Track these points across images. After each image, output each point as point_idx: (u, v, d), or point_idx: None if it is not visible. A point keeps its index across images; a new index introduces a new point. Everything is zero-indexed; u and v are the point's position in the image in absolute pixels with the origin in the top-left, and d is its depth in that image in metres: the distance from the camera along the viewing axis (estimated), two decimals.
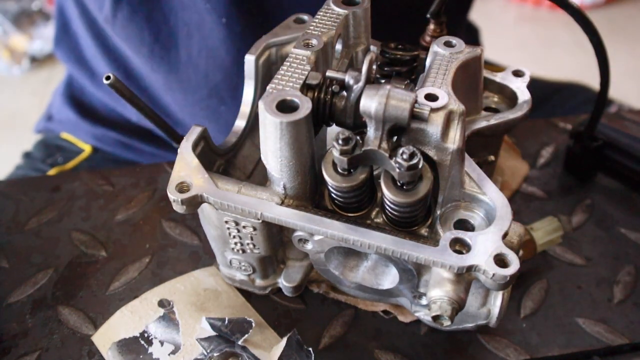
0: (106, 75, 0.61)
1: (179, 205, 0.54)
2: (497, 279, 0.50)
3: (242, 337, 0.64)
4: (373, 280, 0.63)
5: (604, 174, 0.86)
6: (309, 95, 0.53)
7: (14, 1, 3.24)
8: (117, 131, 1.14)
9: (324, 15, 0.62)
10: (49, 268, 0.75)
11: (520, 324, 0.69)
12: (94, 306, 0.71)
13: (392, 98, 0.46)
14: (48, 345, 0.67)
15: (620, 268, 0.75)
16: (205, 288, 0.71)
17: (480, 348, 0.67)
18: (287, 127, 0.47)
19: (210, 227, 0.62)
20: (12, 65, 3.17)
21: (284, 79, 0.53)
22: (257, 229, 0.58)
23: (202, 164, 0.56)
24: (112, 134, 1.14)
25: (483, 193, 0.54)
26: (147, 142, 1.14)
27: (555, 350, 0.67)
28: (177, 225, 0.80)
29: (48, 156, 1.16)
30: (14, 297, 0.72)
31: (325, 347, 0.67)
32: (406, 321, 0.69)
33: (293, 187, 0.53)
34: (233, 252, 0.64)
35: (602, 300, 0.72)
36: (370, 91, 0.46)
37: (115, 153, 1.16)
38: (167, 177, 0.56)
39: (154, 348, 0.65)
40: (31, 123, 1.27)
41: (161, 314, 0.68)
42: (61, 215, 0.82)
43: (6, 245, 0.78)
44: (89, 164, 1.14)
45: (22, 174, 1.14)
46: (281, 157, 0.50)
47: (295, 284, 0.67)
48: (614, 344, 0.67)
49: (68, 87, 1.19)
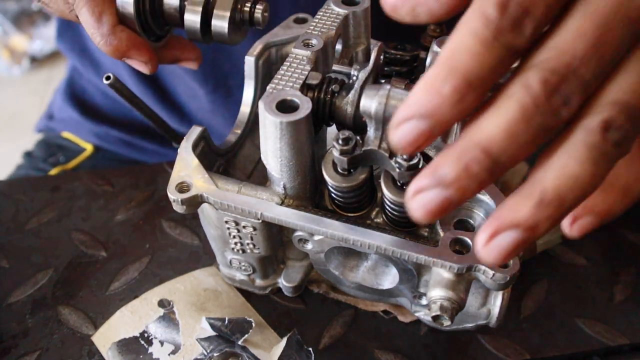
0: (106, 75, 0.61)
1: (179, 205, 0.54)
2: (497, 279, 0.50)
3: (242, 337, 0.64)
4: (373, 280, 0.63)
5: None
6: (309, 95, 0.53)
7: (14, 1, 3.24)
8: (119, 129, 1.13)
9: (324, 15, 0.62)
10: (49, 268, 0.75)
11: (521, 324, 0.69)
12: (94, 306, 0.71)
13: (392, 98, 0.46)
14: (48, 345, 0.67)
15: (620, 268, 0.75)
16: (205, 288, 0.71)
17: (480, 348, 0.67)
18: (287, 127, 0.47)
19: (210, 227, 0.62)
20: (12, 65, 3.18)
21: (284, 79, 0.53)
22: (257, 229, 0.58)
23: (202, 164, 0.56)
24: (114, 132, 1.14)
25: (483, 193, 0.54)
26: (150, 140, 1.14)
27: (555, 350, 0.67)
28: (177, 225, 0.80)
29: (49, 155, 1.16)
30: (14, 297, 0.72)
31: (325, 347, 0.67)
32: (406, 321, 0.69)
33: (293, 187, 0.53)
34: (233, 252, 0.64)
35: (602, 300, 0.72)
36: (370, 91, 0.46)
37: (117, 151, 1.16)
38: (167, 177, 0.56)
39: (154, 348, 0.65)
40: (31, 123, 1.27)
41: (161, 314, 0.68)
42: (61, 215, 0.82)
43: (6, 245, 0.78)
44: (90, 163, 1.14)
45: (23, 174, 1.13)
46: (281, 157, 0.50)
47: (295, 284, 0.67)
48: (614, 344, 0.67)
49: (69, 85, 1.19)
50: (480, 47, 0.37)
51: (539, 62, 0.38)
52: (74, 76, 1.20)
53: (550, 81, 0.37)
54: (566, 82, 0.37)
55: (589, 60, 0.37)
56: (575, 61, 0.37)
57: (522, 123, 0.37)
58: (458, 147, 0.38)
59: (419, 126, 0.38)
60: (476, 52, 0.37)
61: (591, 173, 0.38)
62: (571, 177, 0.38)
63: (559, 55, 0.37)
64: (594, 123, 0.38)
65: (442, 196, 0.39)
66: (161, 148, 1.13)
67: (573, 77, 0.37)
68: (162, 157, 1.12)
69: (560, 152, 0.39)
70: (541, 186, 0.39)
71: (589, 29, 0.38)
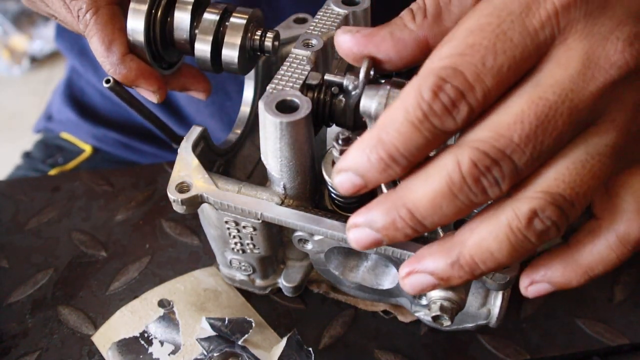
0: (106, 79, 0.61)
1: (179, 206, 0.54)
2: (497, 279, 0.50)
3: (242, 337, 0.64)
4: (373, 280, 0.63)
5: None
6: (309, 95, 0.53)
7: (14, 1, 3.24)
8: (117, 131, 1.13)
9: (324, 15, 0.62)
10: (49, 268, 0.75)
11: (520, 324, 0.69)
12: (94, 306, 0.71)
13: (392, 98, 0.46)
14: (48, 345, 0.67)
15: (620, 268, 0.74)
16: (205, 288, 0.71)
17: (480, 348, 0.67)
18: (287, 128, 0.47)
19: (210, 227, 0.62)
20: (12, 65, 3.18)
21: (284, 79, 0.53)
22: (257, 229, 0.58)
23: (202, 164, 0.56)
24: (112, 135, 1.14)
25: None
26: (148, 142, 1.14)
27: (555, 350, 0.67)
28: (177, 225, 0.80)
29: (48, 156, 1.16)
30: (14, 297, 0.72)
31: (325, 347, 0.67)
32: (406, 321, 0.69)
33: (293, 187, 0.53)
34: (233, 252, 0.64)
35: (602, 300, 0.72)
36: (370, 91, 0.46)
37: (115, 153, 1.16)
38: (167, 177, 0.56)
39: (154, 348, 0.65)
40: (31, 123, 1.27)
41: (161, 314, 0.68)
42: (61, 215, 0.82)
43: (6, 245, 0.78)
44: (89, 164, 1.14)
45: (22, 174, 1.13)
46: (281, 157, 0.50)
47: (295, 284, 0.67)
48: (614, 344, 0.67)
49: (68, 87, 1.19)
50: (408, 126, 0.38)
51: (474, 141, 0.38)
52: (73, 77, 1.19)
53: (482, 163, 0.38)
54: (498, 166, 0.38)
55: (525, 147, 0.37)
56: (511, 146, 0.37)
57: (448, 197, 0.39)
58: (389, 199, 0.41)
59: (353, 179, 0.42)
60: (404, 131, 0.38)
61: (507, 254, 0.40)
62: (487, 251, 0.40)
63: (495, 137, 0.38)
64: (522, 210, 0.39)
65: (372, 236, 0.43)
66: (159, 151, 1.13)
67: (506, 162, 0.38)
68: (160, 159, 1.12)
69: (486, 223, 0.41)
70: (460, 249, 0.42)
71: (531, 115, 0.38)
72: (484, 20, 0.39)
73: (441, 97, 0.37)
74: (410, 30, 0.45)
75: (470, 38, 0.38)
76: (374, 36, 0.45)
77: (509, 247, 0.40)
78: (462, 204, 0.39)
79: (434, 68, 0.38)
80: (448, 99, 0.37)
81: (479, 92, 0.38)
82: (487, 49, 0.38)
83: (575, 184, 0.39)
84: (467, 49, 0.38)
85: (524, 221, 0.39)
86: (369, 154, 0.40)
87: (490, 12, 0.39)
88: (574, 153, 0.39)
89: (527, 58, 0.39)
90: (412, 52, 0.45)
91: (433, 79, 0.37)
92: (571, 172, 0.39)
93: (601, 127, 0.39)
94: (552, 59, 0.39)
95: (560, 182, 0.39)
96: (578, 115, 0.38)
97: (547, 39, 0.39)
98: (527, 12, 0.38)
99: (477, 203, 0.39)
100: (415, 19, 0.45)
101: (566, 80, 0.38)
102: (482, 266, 0.41)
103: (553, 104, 0.37)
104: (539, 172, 0.39)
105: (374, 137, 0.39)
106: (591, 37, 0.38)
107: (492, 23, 0.38)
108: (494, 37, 0.38)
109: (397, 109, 0.39)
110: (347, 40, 0.47)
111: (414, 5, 0.46)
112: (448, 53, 0.38)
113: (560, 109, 0.38)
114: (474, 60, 0.37)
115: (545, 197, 0.38)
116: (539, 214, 0.38)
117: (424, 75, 0.38)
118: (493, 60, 0.38)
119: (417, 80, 0.39)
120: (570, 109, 0.38)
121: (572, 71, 0.38)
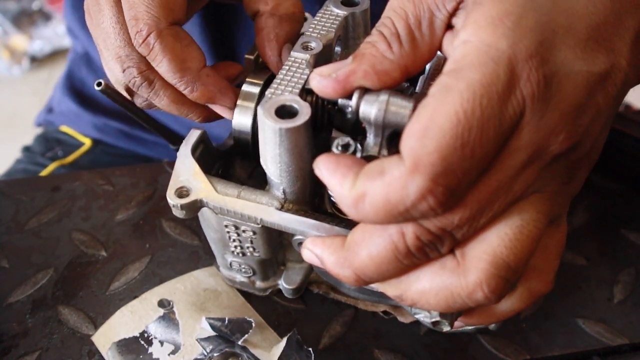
0: (97, 82, 0.60)
1: (179, 211, 0.54)
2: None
3: (242, 337, 0.64)
4: None
5: (604, 174, 0.86)
6: (308, 100, 0.52)
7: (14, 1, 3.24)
8: (118, 121, 1.13)
9: (323, 16, 0.61)
10: (49, 268, 0.75)
11: (520, 324, 0.69)
12: (94, 306, 0.71)
13: (391, 104, 0.45)
14: (48, 345, 0.68)
15: (620, 268, 0.75)
16: (205, 288, 0.71)
17: (480, 348, 0.67)
18: (286, 134, 0.47)
19: (210, 230, 0.62)
20: (12, 65, 3.18)
21: (283, 83, 0.52)
22: (257, 233, 0.58)
23: (201, 167, 0.56)
24: (113, 124, 1.13)
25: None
26: (149, 130, 1.13)
27: (555, 350, 0.67)
28: (177, 225, 0.80)
29: (48, 150, 1.16)
30: (14, 297, 0.72)
31: (325, 347, 0.67)
32: (406, 322, 0.69)
33: (292, 192, 0.53)
34: (233, 255, 0.64)
35: (602, 300, 0.72)
36: (369, 97, 0.46)
37: (116, 144, 1.15)
38: (167, 176, 0.56)
39: (154, 348, 0.65)
40: (31, 123, 1.27)
41: (161, 314, 0.68)
42: (61, 215, 0.82)
43: (6, 245, 0.78)
44: (89, 157, 1.14)
45: (22, 168, 1.13)
46: (280, 162, 0.50)
47: (296, 286, 0.67)
48: (614, 344, 0.67)
49: (68, 78, 1.19)
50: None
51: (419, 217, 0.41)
52: (74, 69, 1.19)
53: (426, 238, 0.42)
54: (439, 240, 0.42)
55: (465, 225, 0.41)
56: (451, 226, 0.41)
57: (391, 262, 0.43)
58: (341, 256, 0.46)
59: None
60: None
61: (443, 308, 0.44)
62: (421, 294, 0.45)
63: (439, 220, 0.41)
64: (467, 280, 0.42)
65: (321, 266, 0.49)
66: (161, 139, 1.13)
67: (447, 236, 0.42)
68: (162, 148, 1.12)
69: (425, 275, 0.45)
70: (401, 290, 0.46)
71: (473, 201, 0.41)
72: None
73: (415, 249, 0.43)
74: (390, 60, 0.45)
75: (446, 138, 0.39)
76: (355, 74, 0.45)
77: (445, 307, 0.44)
78: (403, 266, 0.43)
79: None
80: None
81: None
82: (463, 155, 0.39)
83: (516, 249, 0.42)
84: (444, 151, 0.38)
85: (468, 290, 0.42)
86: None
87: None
88: (513, 219, 0.42)
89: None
90: (396, 79, 0.46)
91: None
92: (510, 237, 0.42)
93: (532, 198, 0.43)
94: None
95: (504, 247, 0.42)
96: (513, 195, 0.42)
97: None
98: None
99: (418, 265, 0.44)
100: (392, 48, 0.45)
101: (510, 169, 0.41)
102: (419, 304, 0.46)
103: (495, 189, 0.41)
104: (480, 237, 0.43)
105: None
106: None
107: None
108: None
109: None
110: (327, 86, 0.46)
111: (384, 30, 0.45)
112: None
113: (499, 194, 0.41)
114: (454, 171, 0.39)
115: (490, 269, 0.42)
116: (482, 287, 0.42)
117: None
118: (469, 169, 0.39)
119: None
120: (507, 193, 0.41)
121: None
